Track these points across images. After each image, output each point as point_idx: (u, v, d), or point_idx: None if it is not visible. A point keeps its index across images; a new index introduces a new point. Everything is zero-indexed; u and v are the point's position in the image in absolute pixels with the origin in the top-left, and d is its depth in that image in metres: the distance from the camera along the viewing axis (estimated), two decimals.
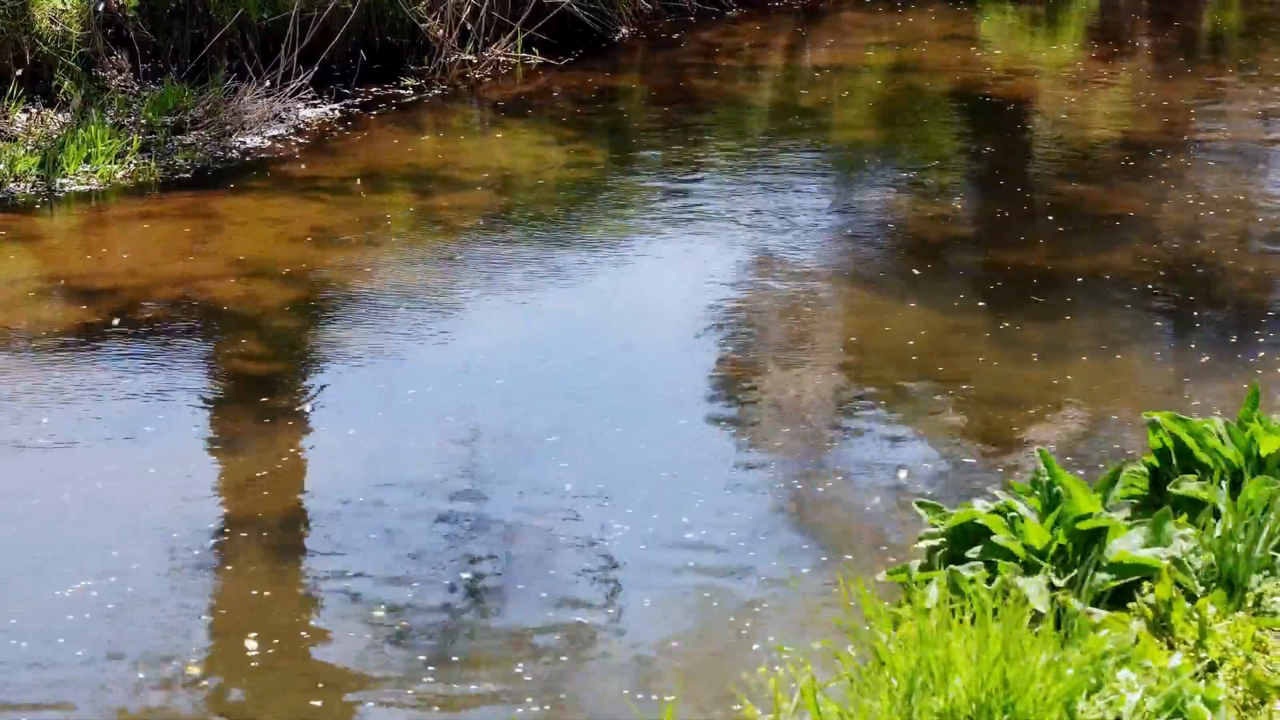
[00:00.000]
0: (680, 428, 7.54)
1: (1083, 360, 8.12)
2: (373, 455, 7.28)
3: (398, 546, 6.57)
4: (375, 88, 12.24)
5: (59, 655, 5.88)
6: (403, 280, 9.17)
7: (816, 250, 9.70)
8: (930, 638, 4.56)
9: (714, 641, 5.97)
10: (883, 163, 11.34)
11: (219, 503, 6.92)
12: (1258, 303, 8.88)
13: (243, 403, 7.74)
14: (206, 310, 8.68)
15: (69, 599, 6.17)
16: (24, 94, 10.98)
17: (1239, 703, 4.84)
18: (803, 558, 6.48)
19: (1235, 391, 7.55)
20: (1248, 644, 5.08)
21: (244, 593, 6.27)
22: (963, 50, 13.76)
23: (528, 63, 12.86)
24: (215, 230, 9.75)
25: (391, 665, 5.85)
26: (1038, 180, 10.92)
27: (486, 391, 7.86)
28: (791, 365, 8.21)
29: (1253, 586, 5.51)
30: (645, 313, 8.87)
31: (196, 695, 5.70)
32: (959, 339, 8.36)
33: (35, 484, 6.98)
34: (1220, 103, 12.53)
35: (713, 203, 10.39)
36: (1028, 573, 5.52)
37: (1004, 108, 12.32)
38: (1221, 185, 10.75)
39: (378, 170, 10.83)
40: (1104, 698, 4.57)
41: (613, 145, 11.54)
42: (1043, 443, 7.17)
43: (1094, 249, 9.51)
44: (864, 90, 12.89)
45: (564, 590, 6.28)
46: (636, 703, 5.55)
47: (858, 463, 7.26)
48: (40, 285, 9.04)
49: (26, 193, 10.18)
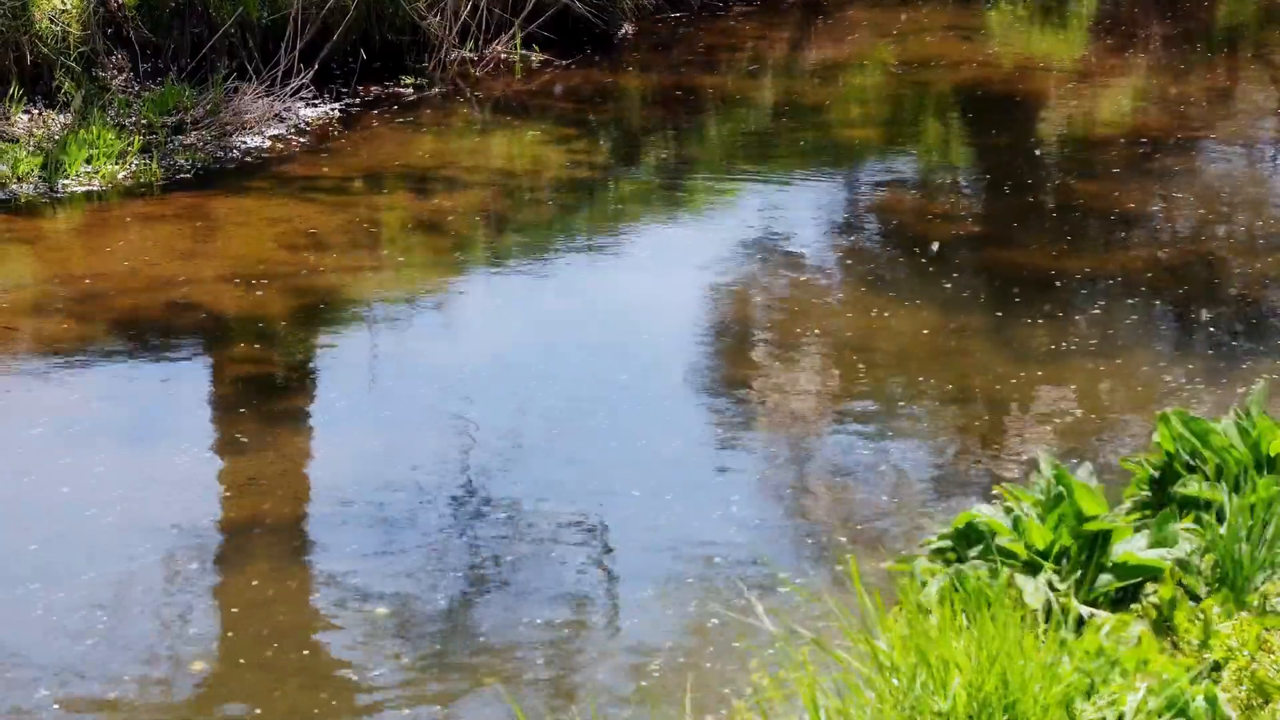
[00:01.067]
0: (679, 427, 7.52)
1: (1086, 360, 8.08)
2: (373, 455, 7.27)
3: (398, 546, 6.56)
4: (375, 86, 12.22)
5: (59, 655, 5.86)
6: (403, 281, 9.15)
7: (818, 249, 9.67)
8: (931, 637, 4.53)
9: (713, 640, 5.95)
10: (886, 160, 11.30)
11: (220, 503, 6.91)
12: (1265, 302, 8.84)
13: (243, 403, 7.72)
14: (207, 311, 8.66)
15: (69, 599, 6.15)
16: (25, 95, 10.96)
17: (1242, 703, 4.81)
18: (803, 557, 6.46)
19: (1241, 391, 7.51)
20: (1252, 644, 5.05)
21: (245, 592, 6.26)
22: (968, 45, 13.72)
23: (529, 60, 12.83)
24: (216, 230, 9.73)
25: (392, 664, 5.83)
26: (1043, 177, 10.88)
27: (486, 391, 7.84)
28: (792, 365, 8.18)
29: (1258, 587, 5.48)
30: (645, 312, 8.84)
31: (197, 694, 5.70)
32: (960, 338, 8.32)
33: (35, 484, 6.97)
34: (1230, 97, 12.48)
35: (714, 202, 10.36)
36: (1030, 573, 5.49)
37: (1009, 103, 12.28)
38: (1230, 182, 10.70)
39: (378, 170, 10.80)
40: (1105, 697, 4.53)
41: (614, 144, 11.51)
42: (1045, 443, 7.14)
43: (1098, 247, 9.47)
44: (867, 86, 12.85)
45: (564, 589, 6.26)
46: (636, 700, 5.53)
47: (858, 463, 7.22)
48: (42, 286, 9.02)
49: (29, 193, 10.16)
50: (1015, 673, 4.41)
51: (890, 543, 6.52)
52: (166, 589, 6.29)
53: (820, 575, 6.30)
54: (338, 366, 8.19)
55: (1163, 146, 11.23)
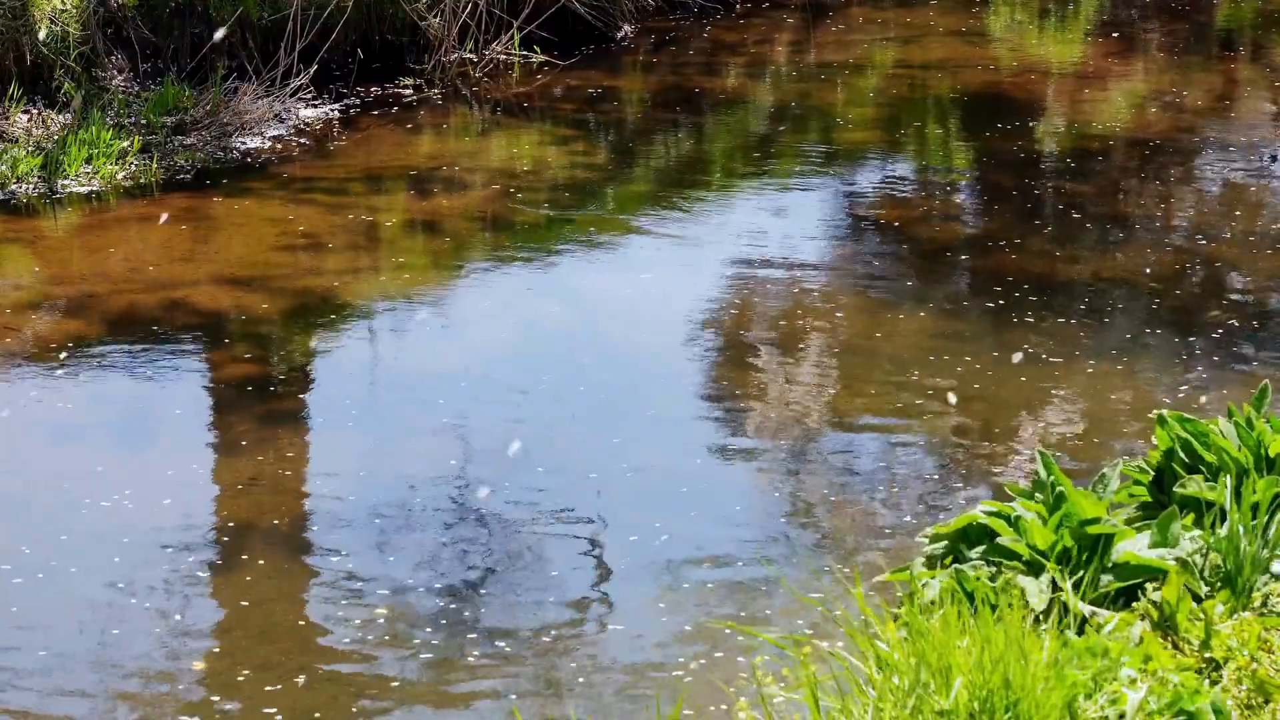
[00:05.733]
0: (678, 429, 7.52)
1: (1086, 361, 8.07)
2: (373, 456, 7.27)
3: (397, 547, 6.55)
4: (375, 87, 12.21)
5: (59, 654, 5.86)
6: (402, 282, 9.15)
7: (818, 251, 9.67)
8: (933, 637, 4.52)
9: (713, 641, 5.94)
10: (886, 162, 11.30)
11: (218, 504, 6.90)
12: (1266, 303, 8.84)
13: (243, 404, 7.72)
14: (206, 312, 8.66)
15: (69, 599, 6.15)
16: (24, 95, 10.95)
17: (1243, 702, 4.80)
18: (803, 558, 6.46)
19: (1241, 392, 7.51)
20: (1253, 644, 5.04)
21: (245, 592, 6.26)
22: (969, 46, 13.72)
23: (528, 61, 12.83)
24: (216, 231, 9.73)
25: (391, 664, 5.83)
26: (1044, 179, 10.88)
27: (484, 393, 7.83)
28: (792, 366, 8.17)
29: (1259, 587, 5.47)
30: (645, 314, 8.84)
31: (197, 693, 5.69)
32: (960, 340, 8.32)
33: (35, 484, 6.96)
34: (1231, 99, 12.48)
35: (713, 203, 10.36)
36: (1032, 573, 5.48)
37: (1011, 105, 12.27)
38: (1231, 184, 10.70)
39: (377, 171, 10.80)
40: (1107, 696, 4.53)
41: (613, 145, 11.51)
42: (1046, 445, 7.13)
43: (1099, 249, 9.47)
44: (868, 88, 12.85)
45: (563, 589, 6.26)
46: (635, 702, 5.52)
47: (859, 464, 7.22)
48: (41, 286, 9.02)
49: (28, 194, 10.16)
50: (1018, 673, 4.41)
51: (891, 544, 6.51)
52: (166, 589, 6.28)
53: (821, 576, 6.29)
54: (337, 367, 8.19)
55: (1164, 148, 11.23)
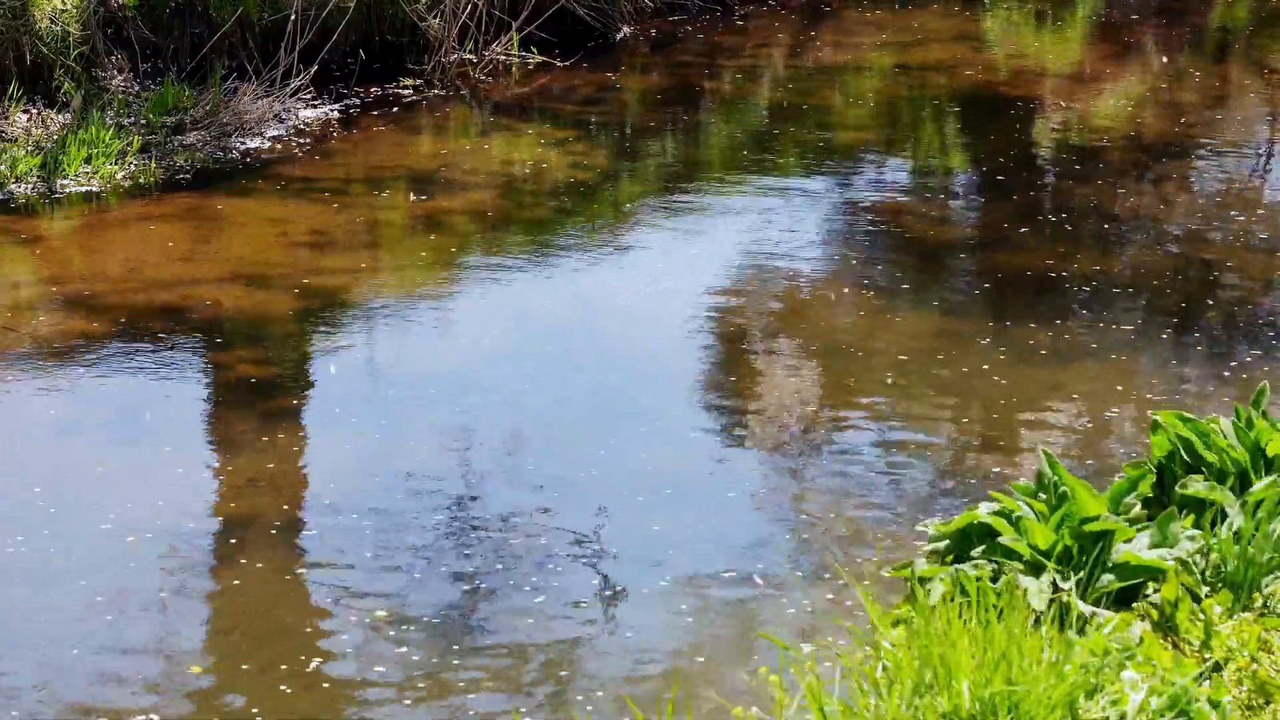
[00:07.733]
0: (678, 429, 7.52)
1: (1086, 362, 8.08)
2: (373, 456, 7.26)
3: (397, 546, 6.55)
4: (375, 87, 12.21)
5: (58, 655, 5.86)
6: (402, 282, 9.15)
7: (817, 251, 9.67)
8: (935, 636, 4.53)
9: (714, 642, 5.95)
10: (884, 163, 11.31)
11: (219, 503, 6.90)
12: (1265, 304, 8.85)
13: (243, 404, 7.72)
14: (206, 312, 8.66)
15: (69, 599, 6.15)
16: (24, 94, 10.95)
17: (1243, 703, 4.81)
18: (803, 559, 6.46)
19: (1240, 393, 7.52)
20: (1253, 644, 5.06)
21: (244, 592, 6.26)
22: (967, 49, 13.73)
23: (528, 62, 12.83)
24: (215, 232, 9.72)
25: (391, 664, 5.83)
26: (1041, 181, 10.89)
27: (485, 393, 7.84)
28: (791, 365, 8.18)
29: (1260, 588, 5.48)
30: (644, 315, 8.84)
31: (196, 693, 5.69)
32: (960, 341, 8.32)
33: (35, 484, 6.96)
34: (1227, 101, 12.49)
35: (713, 204, 10.36)
36: (1033, 573, 5.49)
37: (1008, 107, 12.28)
38: (1227, 186, 10.71)
39: (377, 172, 10.80)
40: (1108, 697, 4.53)
41: (612, 146, 11.51)
42: (1046, 445, 7.13)
43: (1097, 250, 9.47)
44: (866, 90, 12.85)
45: (563, 590, 6.26)
46: (636, 702, 5.52)
47: (860, 465, 7.22)
48: (41, 287, 9.02)
49: (27, 194, 10.15)
50: (1020, 672, 4.41)
51: (893, 543, 6.52)
52: (165, 589, 6.28)
53: (823, 576, 6.29)
54: (337, 367, 8.18)
55: (1160, 150, 11.23)
